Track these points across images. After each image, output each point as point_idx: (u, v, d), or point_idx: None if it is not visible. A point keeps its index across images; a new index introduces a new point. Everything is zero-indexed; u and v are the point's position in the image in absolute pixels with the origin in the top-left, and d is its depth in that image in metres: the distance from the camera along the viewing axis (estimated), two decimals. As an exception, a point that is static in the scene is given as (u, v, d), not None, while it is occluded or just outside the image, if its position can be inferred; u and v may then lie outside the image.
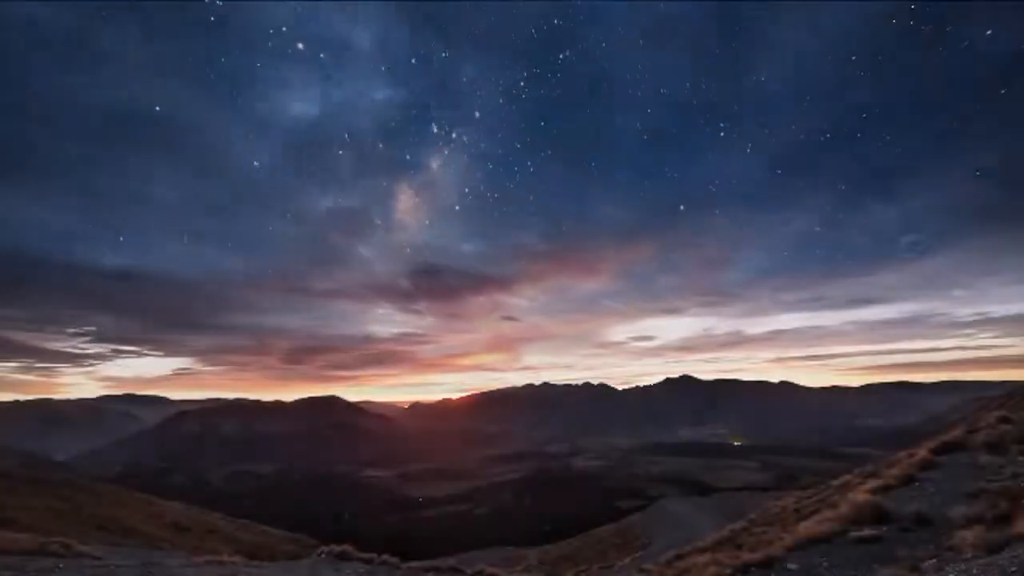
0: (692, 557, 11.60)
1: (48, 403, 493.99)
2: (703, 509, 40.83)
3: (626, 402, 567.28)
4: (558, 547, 49.66)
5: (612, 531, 46.49)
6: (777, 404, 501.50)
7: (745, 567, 7.90)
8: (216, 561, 12.37)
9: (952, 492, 8.58)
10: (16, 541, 10.84)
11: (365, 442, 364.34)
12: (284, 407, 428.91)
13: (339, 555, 13.03)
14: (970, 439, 11.34)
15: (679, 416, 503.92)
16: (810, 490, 18.83)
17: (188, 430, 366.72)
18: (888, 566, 6.10)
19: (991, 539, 5.66)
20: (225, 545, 29.47)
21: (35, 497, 25.20)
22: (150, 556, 17.29)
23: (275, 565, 12.80)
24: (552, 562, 41.60)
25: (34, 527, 20.03)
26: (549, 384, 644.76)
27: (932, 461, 10.62)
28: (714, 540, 14.23)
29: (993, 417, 12.13)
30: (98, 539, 21.53)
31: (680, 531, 33.35)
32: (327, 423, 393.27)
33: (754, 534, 12.74)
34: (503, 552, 53.94)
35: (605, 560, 34.77)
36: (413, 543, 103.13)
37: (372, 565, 12.22)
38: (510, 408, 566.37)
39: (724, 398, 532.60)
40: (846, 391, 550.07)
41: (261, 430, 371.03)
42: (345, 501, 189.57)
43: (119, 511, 28.31)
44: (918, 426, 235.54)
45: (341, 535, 78.98)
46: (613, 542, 41.64)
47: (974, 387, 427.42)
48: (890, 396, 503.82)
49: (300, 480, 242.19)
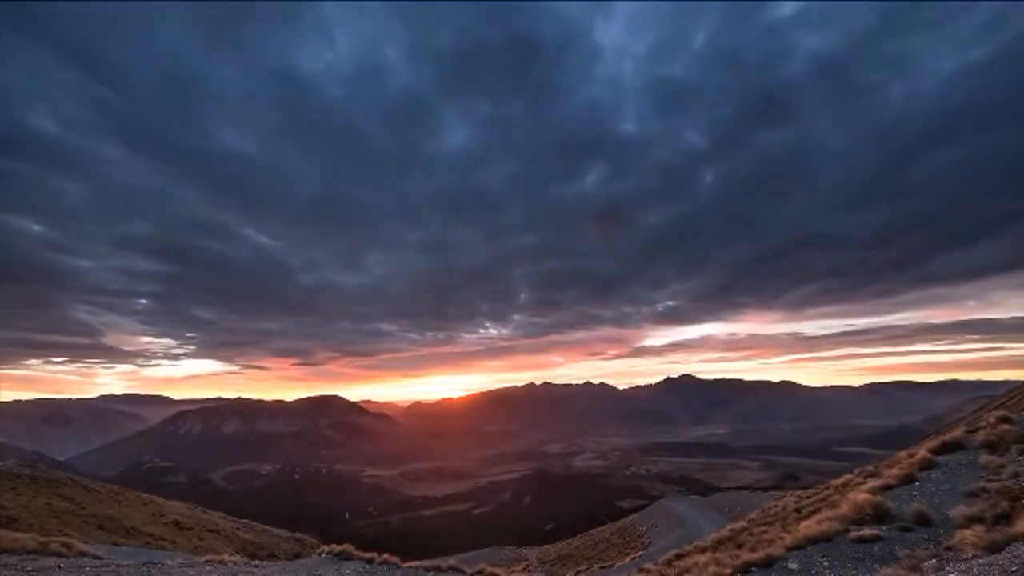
0: (692, 556, 11.60)
1: (49, 402, 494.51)
2: (703, 509, 40.81)
3: (626, 402, 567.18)
4: (558, 547, 49.70)
5: (612, 531, 46.49)
6: (777, 404, 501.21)
7: (746, 566, 7.90)
8: (217, 560, 12.38)
9: (952, 492, 8.59)
10: (17, 540, 10.85)
11: (366, 441, 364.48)
12: (285, 406, 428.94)
13: (340, 554, 13.03)
14: (970, 439, 11.33)
15: (679, 416, 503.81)
16: (810, 490, 18.83)
17: (189, 429, 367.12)
18: (888, 565, 6.10)
19: (991, 539, 5.66)
20: (226, 544, 29.48)
21: (36, 496, 25.22)
22: (151, 555, 17.32)
23: (276, 565, 12.81)
24: (552, 562, 41.63)
25: (35, 526, 20.06)
26: (549, 384, 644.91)
27: (932, 461, 10.61)
28: (714, 539, 14.22)
29: (993, 417, 12.12)
30: (99, 538, 21.56)
31: (680, 530, 33.34)
32: (328, 422, 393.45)
33: (754, 533, 12.74)
34: (503, 552, 53.90)
35: (605, 560, 34.79)
36: (413, 542, 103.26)
37: (373, 564, 12.21)
38: (510, 408, 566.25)
39: (724, 398, 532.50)
40: (846, 391, 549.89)
41: (262, 429, 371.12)
42: (345, 500, 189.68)
43: (120, 510, 28.32)
44: (918, 426, 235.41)
45: (341, 534, 78.87)
46: (613, 542, 41.64)
47: (974, 387, 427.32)
48: (890, 396, 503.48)
49: (301, 479, 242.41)
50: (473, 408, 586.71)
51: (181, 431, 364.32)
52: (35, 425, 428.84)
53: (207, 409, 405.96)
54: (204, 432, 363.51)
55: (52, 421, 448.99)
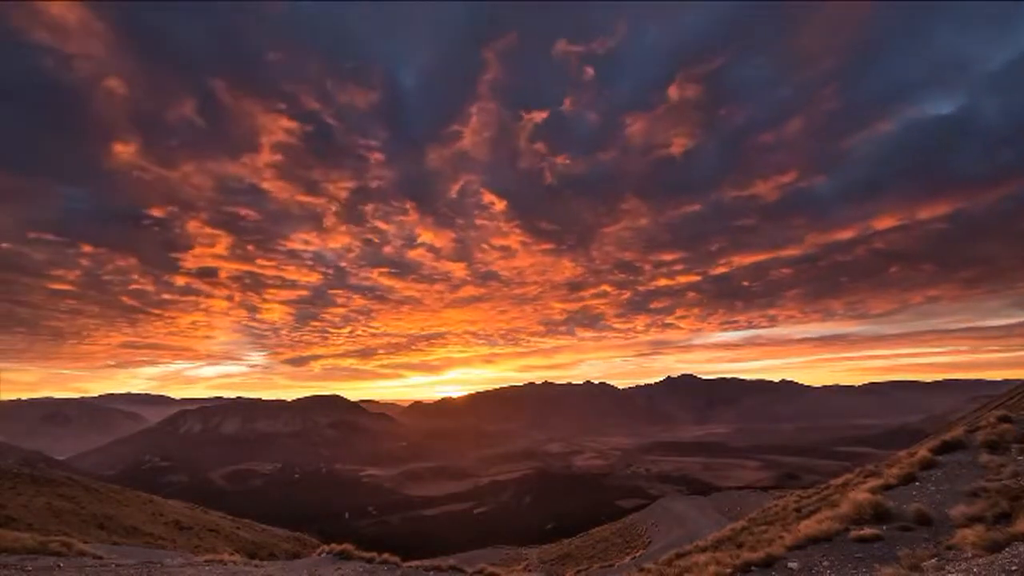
0: (693, 556, 11.60)
1: (49, 402, 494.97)
2: (703, 508, 40.83)
3: (626, 402, 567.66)
4: (558, 546, 49.73)
5: (612, 530, 46.55)
6: (777, 404, 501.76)
7: (746, 566, 7.90)
8: (217, 560, 12.38)
9: (952, 491, 8.59)
10: (17, 540, 10.85)
11: (366, 441, 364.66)
12: (285, 406, 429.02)
13: (339, 554, 13.04)
14: (970, 438, 11.34)
15: (679, 416, 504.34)
16: (810, 489, 18.84)
17: (189, 429, 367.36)
18: (889, 565, 6.10)
19: (992, 538, 5.66)
20: (226, 544, 29.50)
21: (36, 496, 25.24)
22: (151, 555, 17.33)
23: (275, 564, 12.82)
24: (552, 561, 41.64)
25: (35, 526, 20.08)
26: (549, 384, 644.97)
27: (932, 460, 10.62)
28: (715, 539, 14.23)
29: (993, 416, 12.13)
30: (99, 538, 21.58)
31: (680, 530, 33.36)
32: (328, 422, 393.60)
33: (754, 533, 12.74)
34: (503, 551, 53.96)
35: (606, 559, 34.81)
36: (413, 542, 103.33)
37: (373, 564, 12.22)
38: (510, 407, 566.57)
39: (724, 397, 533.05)
40: (846, 391, 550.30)
41: (262, 429, 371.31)
42: (345, 500, 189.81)
43: (120, 510, 28.34)
44: (918, 426, 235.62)
45: (341, 534, 78.79)
46: (614, 541, 41.67)
47: (974, 387, 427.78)
48: (890, 396, 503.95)
49: (300, 479, 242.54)
50: (473, 408, 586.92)
51: (181, 431, 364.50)
52: (35, 425, 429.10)
53: (207, 409, 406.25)
54: (204, 432, 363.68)
55: (52, 421, 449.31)
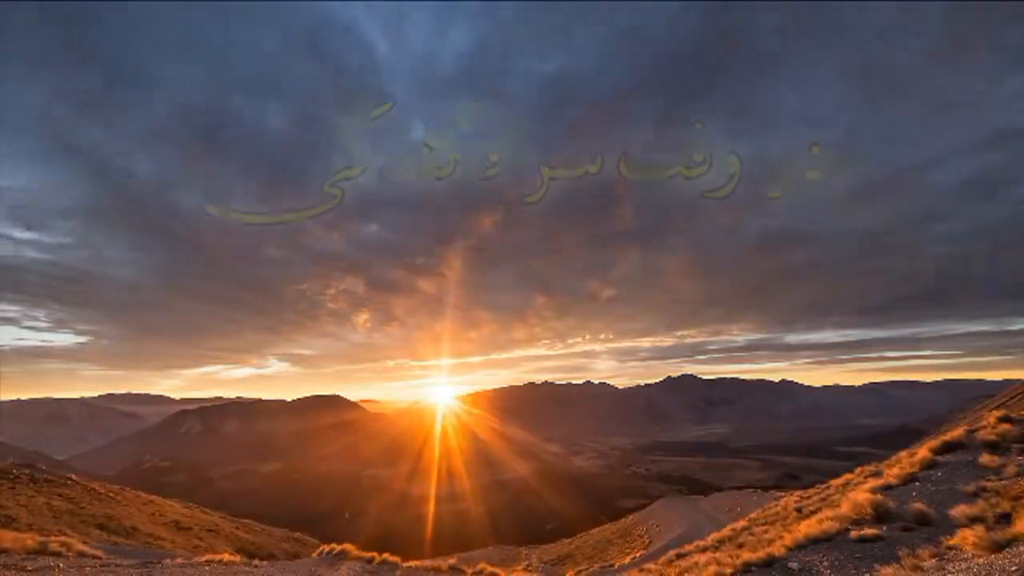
0: (693, 556, 11.61)
1: (49, 402, 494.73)
2: (703, 508, 40.83)
3: (626, 402, 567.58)
4: (558, 546, 49.70)
5: (612, 530, 46.52)
6: (777, 404, 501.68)
7: (746, 566, 7.89)
8: (216, 560, 12.36)
9: (953, 491, 8.58)
10: (17, 540, 10.84)
11: (366, 441, 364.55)
12: (285, 406, 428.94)
13: (339, 554, 13.04)
14: (971, 438, 11.34)
15: (679, 416, 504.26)
16: (811, 489, 18.82)
17: (189, 429, 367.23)
18: (889, 565, 6.09)
19: (992, 538, 5.66)
20: (226, 544, 29.51)
21: (36, 496, 25.22)
22: (150, 555, 17.32)
23: (275, 564, 12.80)
24: (552, 561, 41.60)
25: (35, 526, 20.07)
26: (549, 383, 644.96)
27: (933, 460, 10.62)
28: (715, 539, 14.22)
29: (993, 417, 12.13)
30: (99, 538, 21.57)
31: (680, 530, 33.34)
32: (328, 422, 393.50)
33: (755, 533, 12.72)
34: (503, 551, 53.93)
35: (606, 559, 34.80)
36: (413, 542, 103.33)
37: (373, 564, 12.22)
38: (511, 407, 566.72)
39: (724, 398, 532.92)
40: (846, 391, 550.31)
41: (262, 429, 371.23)
42: (345, 500, 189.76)
43: (120, 510, 28.33)
44: (918, 426, 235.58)
45: (341, 534, 78.97)
46: (614, 541, 41.65)
47: (974, 387, 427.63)
48: (890, 396, 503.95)
49: (301, 479, 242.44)
50: (473, 407, 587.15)
51: (181, 431, 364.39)
52: (35, 425, 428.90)
53: (207, 409, 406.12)
54: (204, 432, 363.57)
55: (52, 421, 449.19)
